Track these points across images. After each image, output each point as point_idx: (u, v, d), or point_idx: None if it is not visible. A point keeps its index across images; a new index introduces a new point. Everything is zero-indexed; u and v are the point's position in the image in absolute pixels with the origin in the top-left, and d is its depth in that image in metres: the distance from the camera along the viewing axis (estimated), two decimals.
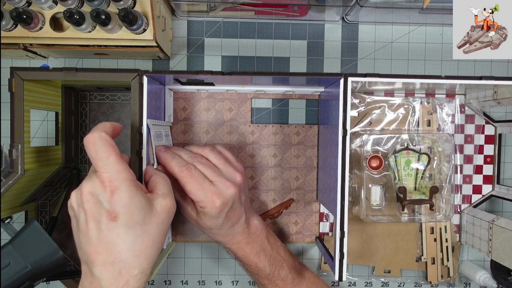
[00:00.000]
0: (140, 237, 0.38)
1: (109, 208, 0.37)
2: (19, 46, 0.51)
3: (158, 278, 0.63)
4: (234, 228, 0.49)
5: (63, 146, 0.57)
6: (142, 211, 0.38)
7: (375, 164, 0.59)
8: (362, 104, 0.62)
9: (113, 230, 0.37)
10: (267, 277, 0.51)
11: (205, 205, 0.45)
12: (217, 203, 0.44)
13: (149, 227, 0.39)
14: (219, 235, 0.49)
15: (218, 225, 0.47)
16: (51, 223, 0.54)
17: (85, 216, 0.38)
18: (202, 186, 0.44)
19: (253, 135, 0.61)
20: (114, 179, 0.37)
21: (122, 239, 0.37)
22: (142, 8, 0.49)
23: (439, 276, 0.63)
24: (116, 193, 0.37)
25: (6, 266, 0.44)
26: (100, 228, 0.37)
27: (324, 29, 0.62)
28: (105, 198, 0.37)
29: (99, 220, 0.37)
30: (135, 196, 0.38)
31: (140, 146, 0.45)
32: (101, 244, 0.38)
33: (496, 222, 0.56)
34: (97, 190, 0.38)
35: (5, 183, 0.46)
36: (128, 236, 0.38)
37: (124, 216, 0.37)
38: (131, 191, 0.38)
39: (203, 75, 0.46)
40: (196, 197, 0.44)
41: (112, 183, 0.37)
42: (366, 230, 0.63)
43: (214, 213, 0.45)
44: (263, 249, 0.51)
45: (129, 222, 0.38)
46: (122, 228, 0.37)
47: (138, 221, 0.38)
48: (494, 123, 0.63)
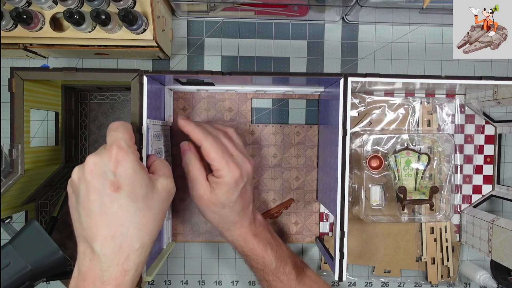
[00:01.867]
0: (142, 210, 0.38)
1: (113, 178, 0.37)
2: (19, 46, 0.51)
3: (158, 278, 0.63)
4: (244, 213, 0.49)
5: (63, 146, 0.57)
6: (144, 186, 0.39)
7: (375, 164, 0.59)
8: (362, 104, 0.62)
9: (116, 201, 0.37)
10: (273, 272, 0.51)
11: (225, 173, 0.45)
12: (236, 172, 0.46)
13: (151, 202, 0.39)
14: (229, 219, 0.49)
15: (232, 200, 0.47)
16: (51, 223, 0.54)
17: (87, 188, 0.38)
18: (224, 154, 0.46)
19: (253, 135, 0.61)
20: (122, 153, 0.38)
21: (124, 211, 0.37)
22: (142, 8, 0.49)
23: (439, 276, 0.63)
24: (121, 164, 0.38)
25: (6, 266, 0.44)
26: (102, 199, 0.37)
27: (324, 29, 0.62)
28: (110, 169, 0.38)
29: (102, 191, 0.37)
30: (139, 171, 0.39)
31: (140, 146, 0.45)
32: (102, 216, 0.37)
33: (496, 222, 0.56)
34: (103, 161, 0.38)
35: (5, 183, 0.46)
36: (130, 208, 0.38)
37: (128, 188, 0.38)
38: (136, 166, 0.38)
39: (203, 75, 0.46)
40: (219, 163, 0.45)
41: (119, 156, 0.38)
42: (366, 230, 0.63)
43: (231, 184, 0.46)
44: (269, 243, 0.51)
45: (132, 194, 0.38)
46: (124, 200, 0.37)
47: (141, 195, 0.38)
48: (494, 123, 0.63)
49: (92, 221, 0.38)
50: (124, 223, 0.38)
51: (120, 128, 0.41)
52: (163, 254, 0.55)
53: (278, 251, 0.52)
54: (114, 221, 0.37)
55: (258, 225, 0.52)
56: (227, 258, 0.64)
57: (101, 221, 0.37)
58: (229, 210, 0.48)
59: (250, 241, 0.50)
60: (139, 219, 0.38)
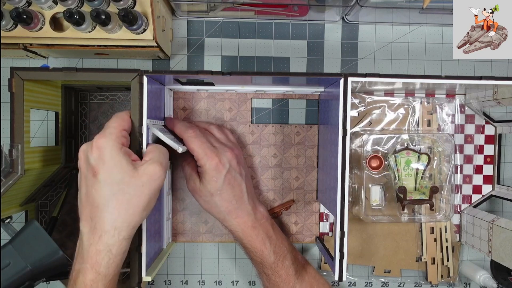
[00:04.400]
0: (116, 194, 0.41)
1: (93, 163, 0.41)
2: (19, 46, 0.51)
3: (158, 278, 0.63)
4: (238, 203, 0.50)
5: (63, 146, 0.57)
6: (121, 171, 0.41)
7: (375, 164, 0.59)
8: (362, 104, 0.62)
9: (94, 185, 0.41)
10: (271, 267, 0.51)
11: (204, 161, 0.48)
12: (214, 160, 0.48)
13: (126, 187, 0.41)
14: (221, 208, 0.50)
15: (218, 188, 0.49)
16: (51, 223, 0.54)
17: (80, 173, 0.43)
18: (203, 145, 0.48)
19: (253, 135, 0.61)
20: (102, 140, 0.41)
21: (100, 195, 0.41)
22: (142, 8, 0.49)
23: (439, 276, 0.63)
24: (100, 149, 0.41)
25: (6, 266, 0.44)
26: (87, 183, 0.42)
27: (324, 29, 0.62)
28: (91, 155, 0.41)
29: (86, 175, 0.42)
30: (116, 156, 0.41)
31: (140, 146, 0.45)
32: (86, 199, 0.42)
33: (496, 222, 0.56)
34: (87, 148, 0.42)
35: (5, 183, 0.46)
36: (105, 192, 0.40)
37: (104, 173, 0.40)
38: (113, 151, 0.41)
39: (203, 75, 0.46)
40: (197, 153, 0.48)
41: (99, 143, 0.41)
42: (366, 230, 0.63)
43: (212, 171, 0.48)
44: (269, 237, 0.52)
45: (107, 179, 0.40)
46: (101, 184, 0.40)
47: (116, 180, 0.41)
48: (494, 123, 0.63)
49: (81, 202, 0.43)
50: (99, 206, 0.41)
51: (112, 119, 0.44)
52: (163, 254, 0.55)
53: (278, 245, 0.52)
54: (93, 204, 0.41)
55: (260, 217, 0.52)
56: (227, 258, 0.64)
57: (85, 203, 0.42)
58: (218, 199, 0.49)
59: (248, 232, 0.51)
60: (111, 202, 0.41)
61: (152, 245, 0.50)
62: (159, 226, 0.54)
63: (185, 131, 0.49)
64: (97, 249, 0.40)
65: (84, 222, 0.42)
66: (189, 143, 0.48)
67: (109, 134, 0.42)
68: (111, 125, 0.43)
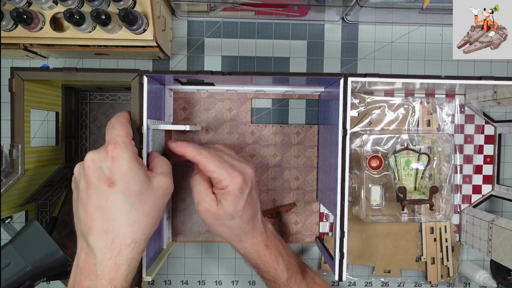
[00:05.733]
0: (135, 206, 0.39)
1: (109, 174, 0.39)
2: (19, 46, 0.51)
3: (158, 278, 0.63)
4: (254, 222, 0.48)
5: (63, 146, 0.57)
6: (139, 183, 0.39)
7: (375, 164, 0.59)
8: (362, 104, 0.62)
9: (110, 196, 0.38)
10: (284, 284, 0.49)
11: (227, 182, 0.44)
12: (239, 179, 0.44)
13: (144, 198, 0.40)
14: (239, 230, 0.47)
15: (240, 210, 0.45)
16: (51, 223, 0.54)
17: (85, 183, 0.39)
18: (223, 164, 0.45)
19: (253, 135, 0.61)
20: (118, 150, 0.39)
21: (118, 207, 0.38)
22: (142, 8, 0.49)
23: (439, 276, 0.63)
24: (117, 160, 0.39)
25: (6, 266, 0.44)
26: (98, 194, 0.39)
27: (324, 29, 0.62)
28: (106, 165, 0.39)
29: (98, 186, 0.39)
30: (134, 167, 0.39)
31: (140, 146, 0.45)
32: (97, 211, 0.39)
33: (496, 222, 0.56)
34: (100, 157, 0.39)
35: (5, 183, 0.46)
36: (123, 204, 0.39)
37: (121, 184, 0.39)
38: (131, 162, 0.39)
39: (203, 75, 0.46)
40: (219, 174, 0.44)
41: (114, 152, 0.39)
42: (366, 230, 0.63)
43: (236, 192, 0.44)
44: (280, 254, 0.50)
45: (125, 190, 0.39)
46: (118, 195, 0.38)
47: (135, 191, 0.39)
48: (494, 123, 0.63)
49: (88, 216, 0.39)
50: (117, 218, 0.39)
51: (116, 125, 0.42)
52: (163, 254, 0.55)
53: (289, 261, 0.50)
54: (107, 216, 0.38)
55: (270, 235, 0.50)
56: (227, 258, 0.64)
57: (96, 215, 0.39)
58: (238, 221, 0.46)
59: (262, 253, 0.49)
60: (131, 215, 0.39)
61: (152, 245, 0.50)
62: (159, 226, 0.54)
63: (199, 154, 0.45)
64: (117, 264, 0.38)
65: (94, 237, 0.38)
66: (206, 165, 0.44)
67: (124, 144, 0.40)
68: (120, 134, 0.41)
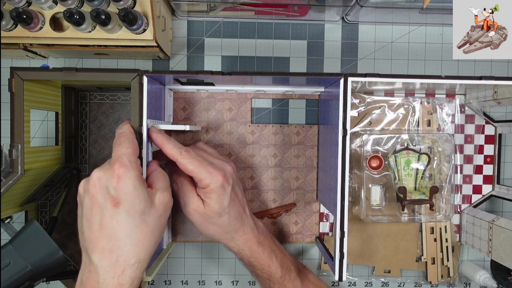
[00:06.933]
0: (139, 226, 0.39)
1: (114, 194, 0.39)
2: (19, 46, 0.51)
3: (158, 278, 0.63)
4: (243, 218, 0.48)
5: (63, 146, 0.57)
6: (143, 202, 0.40)
7: (375, 164, 0.59)
8: (362, 104, 0.62)
9: (115, 216, 0.39)
10: (278, 281, 0.50)
11: (208, 181, 0.45)
12: (219, 176, 0.45)
13: (148, 218, 0.40)
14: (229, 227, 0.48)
15: (225, 206, 0.46)
16: (51, 223, 0.54)
17: (90, 201, 0.39)
18: (202, 164, 0.45)
19: (253, 135, 0.61)
20: (124, 169, 0.39)
21: (122, 226, 0.39)
22: (142, 8, 0.49)
23: (439, 276, 0.63)
24: (122, 180, 0.39)
25: (6, 266, 0.44)
26: (103, 213, 0.39)
27: (324, 29, 0.62)
28: (111, 184, 0.39)
29: (103, 205, 0.39)
30: (139, 187, 0.39)
31: (140, 146, 0.45)
32: (102, 230, 0.39)
33: (496, 222, 0.56)
34: (106, 176, 0.39)
35: (5, 183, 0.46)
36: (128, 224, 0.39)
37: (126, 204, 0.39)
38: (136, 181, 0.39)
39: (203, 75, 0.46)
40: (199, 174, 0.45)
41: (120, 172, 0.39)
42: (366, 230, 0.63)
43: (218, 189, 0.45)
44: (273, 251, 0.50)
45: (130, 210, 0.39)
46: (123, 215, 0.39)
47: (139, 211, 0.39)
48: (494, 123, 0.63)
49: (93, 233, 0.39)
50: (121, 238, 0.39)
51: (124, 143, 0.42)
52: (163, 254, 0.55)
53: (283, 258, 0.51)
54: (112, 235, 0.39)
55: (261, 232, 0.51)
56: (227, 258, 0.64)
57: (100, 234, 0.39)
58: (226, 218, 0.47)
59: (255, 249, 0.49)
60: (136, 234, 0.39)
61: None
62: None
63: (178, 154, 0.45)
64: (120, 283, 0.39)
65: (99, 255, 0.39)
66: (186, 166, 0.45)
67: (129, 163, 0.40)
68: (127, 152, 0.41)
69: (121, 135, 0.43)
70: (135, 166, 0.40)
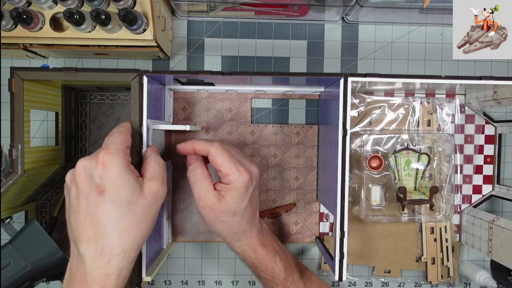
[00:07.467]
0: (125, 215, 0.39)
1: (99, 182, 0.38)
2: (19, 46, 0.51)
3: (158, 278, 0.63)
4: (253, 221, 0.48)
5: (63, 146, 0.57)
6: (129, 190, 0.39)
7: (375, 164, 0.59)
8: (362, 104, 0.62)
9: (100, 205, 0.38)
10: (282, 283, 0.49)
11: (235, 177, 0.44)
12: (246, 175, 0.44)
13: (134, 207, 0.39)
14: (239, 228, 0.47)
15: (243, 207, 0.45)
16: (51, 223, 0.54)
17: (76, 190, 0.39)
18: (232, 159, 0.45)
19: (253, 135, 0.61)
20: (108, 156, 0.38)
21: (107, 215, 0.38)
22: (142, 8, 0.49)
23: (439, 276, 0.63)
24: (106, 167, 0.38)
25: (6, 266, 0.44)
26: (89, 202, 0.38)
27: (324, 29, 0.62)
28: (96, 172, 0.38)
29: (89, 194, 0.38)
30: (125, 175, 0.39)
31: (140, 146, 0.45)
32: (87, 219, 0.38)
33: (496, 222, 0.56)
34: (91, 164, 0.39)
35: (5, 183, 0.46)
36: (113, 213, 0.38)
37: (111, 192, 0.38)
38: (121, 169, 0.38)
39: (203, 75, 0.46)
40: (228, 168, 0.44)
41: (105, 159, 0.38)
42: (366, 230, 0.63)
43: (242, 188, 0.44)
44: (277, 252, 0.50)
45: (115, 198, 0.38)
46: (108, 204, 0.38)
47: (124, 199, 0.38)
48: (494, 123, 0.63)
49: (79, 223, 0.39)
50: (106, 227, 0.38)
51: (114, 133, 0.42)
52: (163, 254, 0.55)
53: (286, 260, 0.51)
54: (97, 225, 0.38)
55: (265, 234, 0.50)
56: (227, 258, 0.64)
57: (86, 223, 0.38)
58: (239, 218, 0.46)
59: (259, 251, 0.49)
60: (121, 223, 0.38)
61: (152, 245, 0.50)
62: (159, 226, 0.54)
63: (211, 144, 0.45)
64: (106, 273, 0.38)
65: (85, 245, 0.38)
66: (217, 157, 0.44)
67: (115, 151, 0.39)
68: (115, 141, 0.40)
69: (114, 129, 0.42)
70: (121, 154, 0.39)
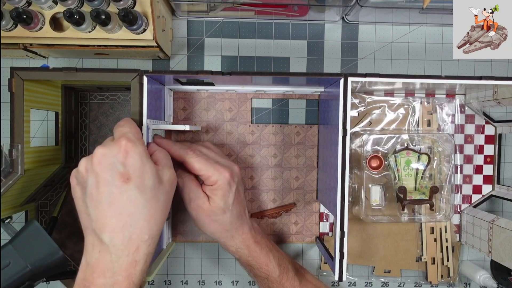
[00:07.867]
0: (150, 201, 0.39)
1: (123, 170, 0.38)
2: (19, 46, 0.51)
3: (158, 278, 0.63)
4: (243, 218, 0.49)
5: (63, 146, 0.57)
6: (152, 177, 0.39)
7: (375, 164, 0.59)
8: (362, 104, 0.62)
9: (125, 192, 0.38)
10: (276, 281, 0.50)
11: (216, 178, 0.46)
12: (226, 173, 0.46)
13: (158, 193, 0.40)
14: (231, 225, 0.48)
15: (230, 203, 0.47)
16: (51, 223, 0.54)
17: (96, 179, 0.38)
18: (209, 161, 0.46)
19: (253, 135, 0.61)
20: (131, 144, 0.38)
21: (133, 203, 0.38)
22: (142, 8, 0.49)
23: (439, 276, 0.63)
24: (130, 155, 0.38)
25: (6, 266, 0.44)
26: (111, 191, 0.37)
27: (324, 29, 0.62)
28: (119, 160, 0.38)
29: (111, 182, 0.37)
30: (147, 162, 0.39)
31: None
32: (111, 207, 0.38)
33: (496, 222, 0.56)
34: (112, 152, 0.38)
35: (5, 183, 0.46)
36: (139, 199, 0.38)
37: (137, 179, 0.38)
38: (143, 156, 0.39)
39: (203, 75, 0.46)
40: (206, 171, 0.46)
41: (128, 146, 0.38)
42: (366, 230, 0.63)
43: (225, 186, 0.46)
44: (270, 250, 0.51)
45: (140, 185, 0.38)
46: (134, 191, 0.38)
47: (149, 186, 0.39)
48: (494, 123, 0.63)
49: (101, 212, 0.38)
50: (133, 214, 0.38)
51: (127, 124, 0.42)
52: (163, 254, 0.55)
53: (280, 257, 0.51)
54: (123, 212, 0.38)
55: (257, 231, 0.52)
56: (227, 258, 0.64)
57: (110, 212, 0.38)
58: (229, 215, 0.47)
59: (253, 248, 0.50)
60: (147, 210, 0.39)
61: None
62: None
63: (185, 153, 0.46)
64: (135, 259, 0.38)
65: (110, 233, 0.37)
66: (193, 164, 0.46)
67: (136, 139, 0.39)
68: (131, 130, 0.40)
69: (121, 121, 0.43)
70: (141, 142, 0.40)
